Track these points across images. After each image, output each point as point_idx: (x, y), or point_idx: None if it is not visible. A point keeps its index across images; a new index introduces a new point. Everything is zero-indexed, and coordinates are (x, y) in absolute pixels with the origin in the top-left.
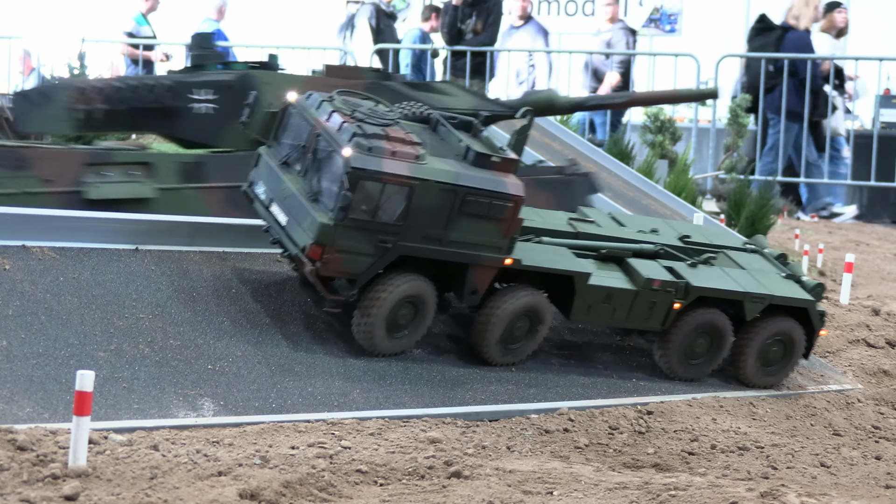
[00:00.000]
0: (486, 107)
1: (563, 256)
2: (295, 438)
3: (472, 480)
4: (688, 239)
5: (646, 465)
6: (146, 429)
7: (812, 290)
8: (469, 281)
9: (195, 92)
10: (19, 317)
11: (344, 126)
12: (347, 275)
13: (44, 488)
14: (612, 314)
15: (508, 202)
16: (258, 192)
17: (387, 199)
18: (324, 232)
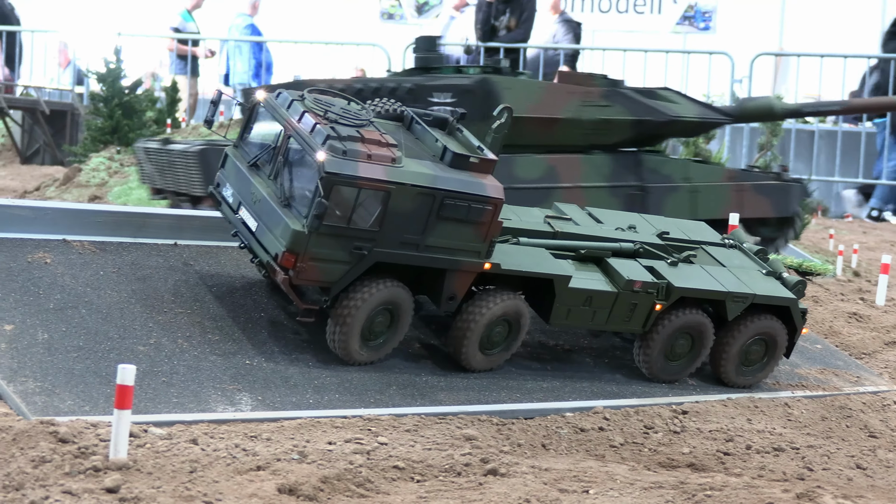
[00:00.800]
0: (708, 115)
1: (542, 258)
2: (332, 434)
3: (509, 478)
4: (666, 235)
5: (681, 465)
6: (185, 423)
7: (794, 287)
8: (447, 287)
9: (435, 95)
10: (60, 310)
11: (317, 128)
12: (321, 283)
13: (85, 480)
14: (591, 317)
15: (488, 205)
16: (225, 195)
17: (362, 204)
18: (297, 240)
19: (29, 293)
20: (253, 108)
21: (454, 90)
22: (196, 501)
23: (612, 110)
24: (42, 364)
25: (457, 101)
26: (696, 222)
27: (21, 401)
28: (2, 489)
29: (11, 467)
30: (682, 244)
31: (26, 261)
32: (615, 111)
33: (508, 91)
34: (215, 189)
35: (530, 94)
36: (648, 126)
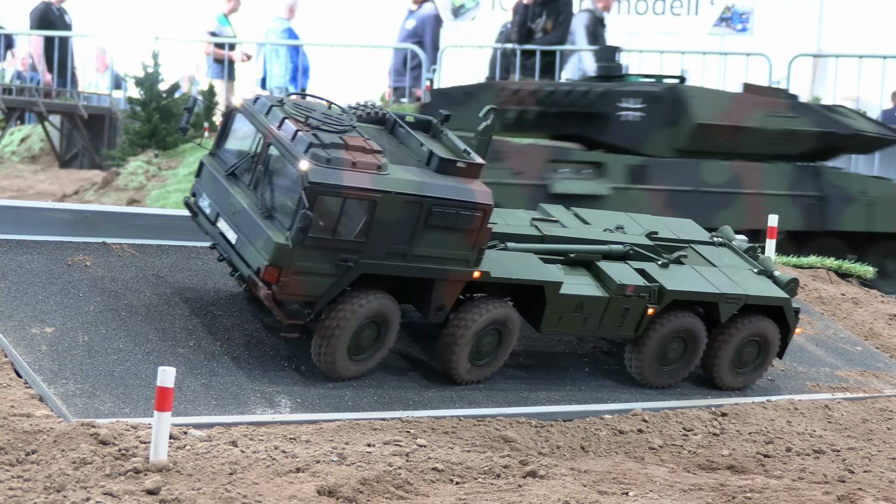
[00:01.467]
0: (885, 132)
1: (531, 264)
2: (371, 436)
3: (548, 480)
4: (655, 235)
5: (721, 467)
6: (225, 425)
7: (786, 286)
8: (435, 297)
9: (623, 100)
10: (100, 312)
11: (298, 135)
12: (306, 298)
13: (126, 482)
14: (583, 323)
15: (477, 212)
16: (202, 206)
17: (347, 214)
18: (280, 253)
19: (69, 296)
20: (230, 114)
21: (644, 97)
22: (236, 502)
23: (798, 121)
24: (82, 366)
25: (645, 107)
26: (683, 220)
27: (62, 403)
28: (43, 490)
29: (53, 469)
30: (671, 244)
31: (66, 263)
32: (801, 122)
33: (696, 99)
34: (191, 199)
35: (717, 102)
36: (832, 138)
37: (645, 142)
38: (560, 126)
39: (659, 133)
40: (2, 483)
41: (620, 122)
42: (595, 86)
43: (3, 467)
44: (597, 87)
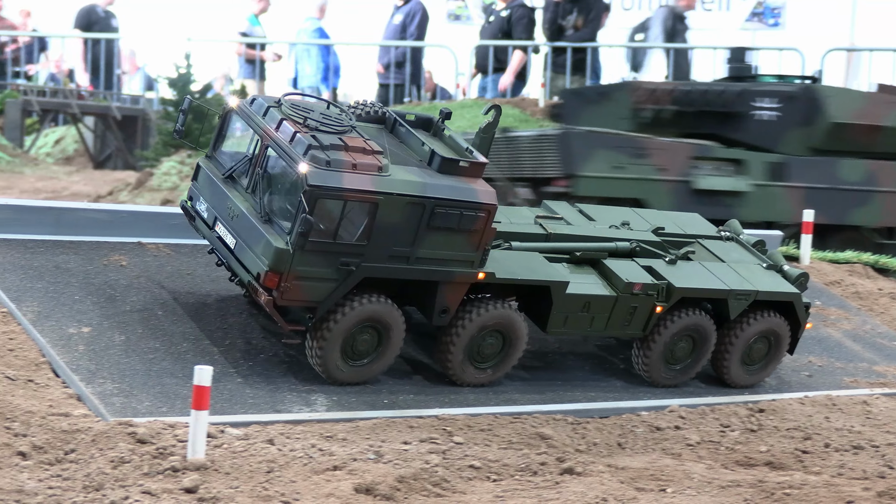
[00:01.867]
0: None
1: (536, 264)
2: (407, 434)
3: (585, 477)
4: (662, 231)
5: (759, 464)
6: (262, 423)
7: (796, 280)
8: (439, 299)
9: (758, 100)
10: (136, 312)
11: (297, 137)
12: (307, 303)
13: (164, 481)
14: (590, 322)
15: (481, 212)
16: (199, 210)
17: (348, 217)
18: (280, 258)
19: (105, 295)
20: (226, 115)
21: (779, 96)
22: (274, 501)
23: None
24: (119, 365)
25: (781, 106)
26: (690, 214)
27: (99, 402)
28: (82, 489)
29: (91, 468)
30: (678, 239)
31: (102, 263)
32: None
33: (831, 99)
34: (188, 203)
35: (853, 102)
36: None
37: (780, 140)
38: (696, 125)
39: (794, 132)
40: (41, 482)
41: (755, 122)
42: (731, 86)
43: (42, 466)
44: (732, 87)
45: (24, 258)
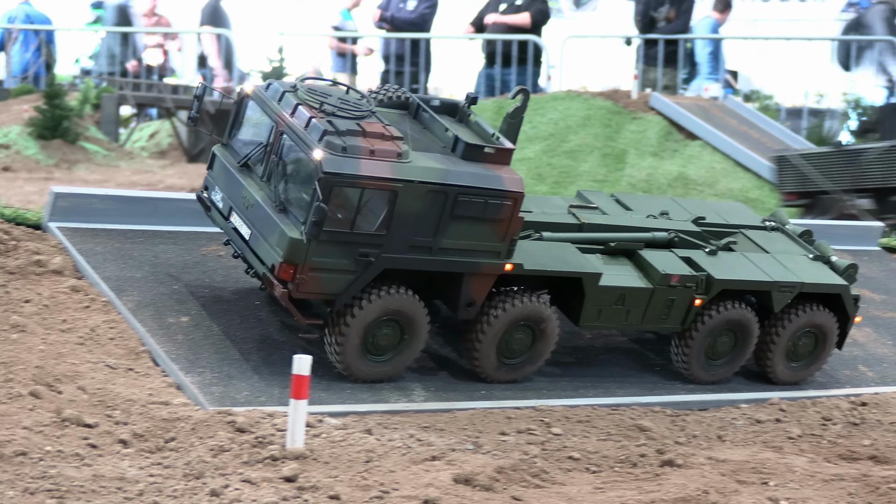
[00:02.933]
0: None
1: (568, 255)
2: (504, 425)
3: (685, 469)
4: (702, 220)
5: (862, 457)
6: (359, 413)
7: (844, 272)
8: (465, 292)
9: None
10: (234, 301)
11: (312, 122)
12: (325, 296)
13: (263, 469)
14: (625, 316)
15: (507, 200)
16: (215, 200)
17: (366, 205)
18: (295, 249)
19: (203, 285)
20: (241, 101)
21: None
22: (373, 490)
23: None
24: (218, 355)
25: None
26: (733, 203)
27: (199, 391)
28: (183, 477)
29: (191, 456)
30: (719, 229)
31: (200, 254)
32: None
33: None
34: (203, 193)
35: None
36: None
37: None
38: None
39: None
40: (142, 470)
41: None
42: None
43: (143, 454)
44: None
45: (124, 248)
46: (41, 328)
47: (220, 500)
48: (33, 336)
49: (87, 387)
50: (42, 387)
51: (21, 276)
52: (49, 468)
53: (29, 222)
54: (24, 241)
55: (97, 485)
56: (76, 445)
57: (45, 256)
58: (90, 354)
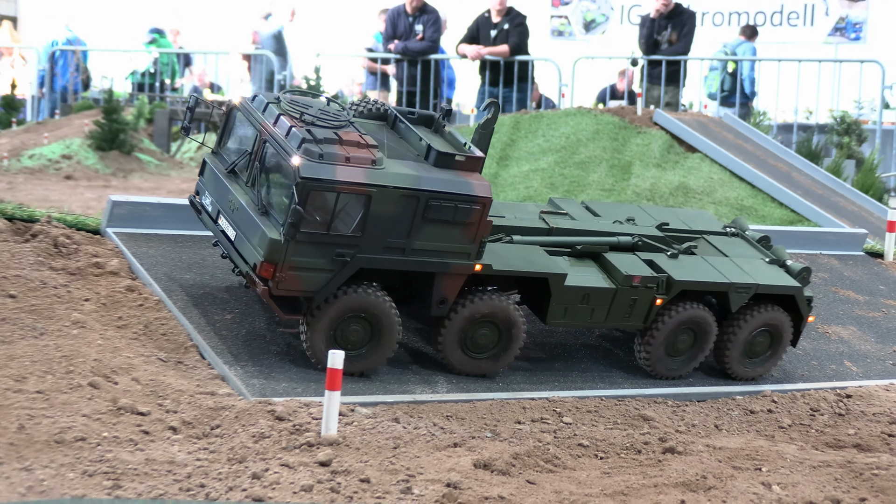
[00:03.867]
0: None
1: (535, 256)
2: (520, 414)
3: (685, 456)
4: (666, 226)
5: (847, 445)
6: (388, 403)
7: (798, 274)
8: (437, 290)
9: None
10: None
11: (292, 131)
12: (303, 293)
13: (300, 454)
14: (590, 314)
15: (475, 205)
16: (205, 203)
17: (342, 208)
18: (274, 249)
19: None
20: (230, 112)
21: None
22: (400, 474)
23: None
24: (259, 350)
25: None
26: (698, 211)
27: (242, 383)
28: (227, 461)
29: (235, 442)
30: (682, 234)
31: None
32: None
33: None
34: (195, 197)
35: None
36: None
37: None
38: None
39: None
40: (190, 454)
41: None
42: None
43: (191, 440)
44: None
45: (174, 251)
46: (99, 324)
47: (261, 482)
48: (92, 332)
49: (141, 378)
50: (100, 378)
51: (81, 277)
52: (106, 452)
53: (88, 228)
54: (84, 245)
55: (149, 467)
56: (130, 432)
57: (103, 259)
58: (143, 349)
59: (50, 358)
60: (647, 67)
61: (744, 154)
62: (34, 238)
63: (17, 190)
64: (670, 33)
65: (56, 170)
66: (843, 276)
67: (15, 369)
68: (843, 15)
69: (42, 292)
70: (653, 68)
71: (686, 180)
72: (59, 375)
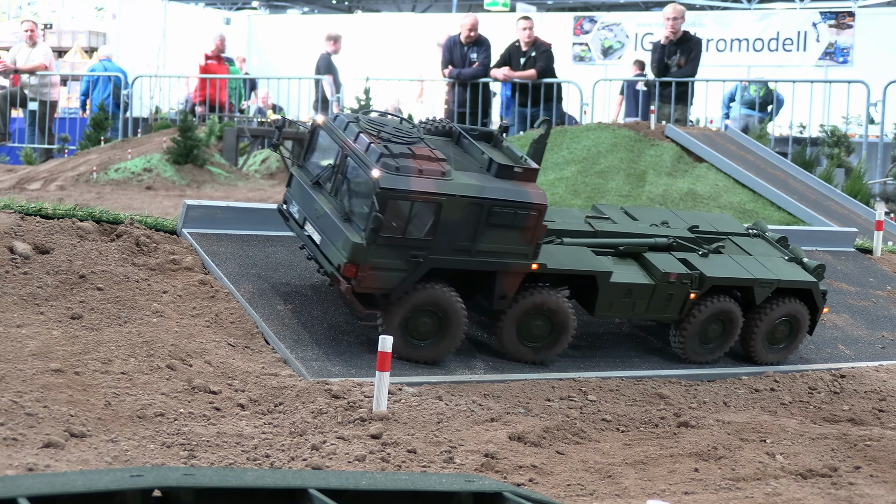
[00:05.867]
0: None
1: (584, 256)
2: (550, 393)
3: (698, 429)
4: (696, 228)
5: (842, 420)
6: (431, 383)
7: (814, 271)
8: (498, 287)
9: None
10: (330, 293)
11: (371, 147)
12: (381, 290)
13: (354, 428)
14: (632, 308)
15: (532, 211)
16: (292, 212)
17: (416, 215)
18: (357, 251)
19: (305, 279)
20: (314, 130)
21: None
22: (443, 445)
23: None
24: (317, 336)
25: None
26: (721, 215)
27: (302, 365)
28: (289, 434)
29: (296, 417)
30: (711, 236)
31: (303, 254)
32: None
33: None
34: (283, 206)
35: None
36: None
37: None
38: None
39: None
40: (256, 428)
41: None
42: None
43: (257, 415)
44: None
45: (241, 249)
46: (176, 314)
47: (319, 453)
48: (169, 320)
49: (213, 361)
50: (177, 361)
51: (160, 272)
52: (182, 426)
53: (166, 229)
54: (162, 244)
55: (220, 440)
56: (204, 408)
57: (179, 256)
58: (215, 335)
59: (133, 343)
60: (658, 88)
61: (745, 163)
62: (119, 238)
63: (104, 199)
64: (679, 58)
65: (138, 181)
66: (836, 270)
67: (102, 353)
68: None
69: (125, 285)
70: (663, 89)
71: (694, 187)
72: (140, 358)
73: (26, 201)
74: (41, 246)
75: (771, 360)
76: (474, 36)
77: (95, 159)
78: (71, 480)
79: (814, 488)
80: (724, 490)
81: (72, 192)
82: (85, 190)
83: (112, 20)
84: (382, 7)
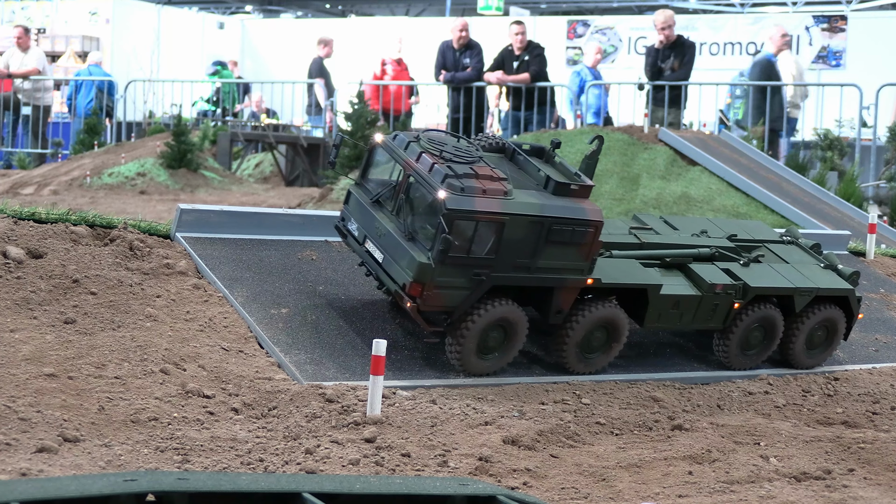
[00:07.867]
0: None
1: (634, 269)
2: (543, 396)
3: (692, 432)
4: (734, 237)
5: (836, 423)
6: (425, 386)
7: (849, 278)
8: (555, 302)
9: None
10: (324, 297)
11: (435, 167)
12: (445, 308)
13: (348, 432)
14: (679, 318)
15: (590, 227)
16: (351, 229)
17: (480, 234)
18: (423, 271)
19: (299, 283)
20: (372, 149)
21: None
22: (437, 450)
23: None
24: (311, 340)
25: None
26: (756, 222)
27: (296, 369)
28: (283, 438)
29: (290, 421)
30: (748, 244)
31: (297, 258)
32: None
33: None
34: (340, 223)
35: None
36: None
37: None
38: None
39: None
40: (250, 432)
41: None
42: None
43: (250, 419)
44: None
45: (235, 253)
46: (169, 318)
47: (314, 457)
48: (163, 324)
49: (206, 365)
50: (170, 365)
51: (153, 276)
52: (175, 431)
53: (160, 233)
54: (156, 248)
55: (214, 444)
56: (197, 412)
57: (173, 260)
58: (208, 339)
59: (126, 347)
60: (651, 91)
61: (739, 167)
62: (112, 242)
63: (98, 203)
64: (673, 61)
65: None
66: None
67: (96, 357)
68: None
69: (119, 290)
70: (657, 93)
71: (688, 190)
72: (134, 363)
73: (19, 206)
74: (34, 250)
75: (810, 364)
76: (465, 37)
77: (89, 164)
78: (64, 485)
79: (808, 491)
80: (718, 493)
81: (65, 197)
82: (78, 194)
83: (105, 24)
84: (376, 11)
